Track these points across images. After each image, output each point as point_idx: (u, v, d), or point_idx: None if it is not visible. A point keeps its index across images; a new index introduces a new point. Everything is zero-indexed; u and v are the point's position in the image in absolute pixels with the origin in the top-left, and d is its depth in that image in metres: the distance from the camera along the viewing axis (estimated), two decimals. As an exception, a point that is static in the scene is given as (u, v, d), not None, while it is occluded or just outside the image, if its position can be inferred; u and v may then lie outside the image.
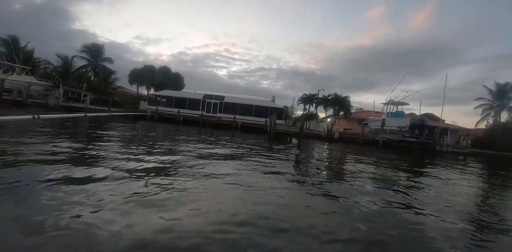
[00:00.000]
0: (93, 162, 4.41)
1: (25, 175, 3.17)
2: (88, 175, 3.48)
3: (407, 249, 2.36)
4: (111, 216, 2.26)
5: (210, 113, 26.31)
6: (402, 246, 2.39)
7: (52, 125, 9.60)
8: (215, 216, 2.57)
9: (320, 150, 12.88)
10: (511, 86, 30.63)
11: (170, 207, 2.66)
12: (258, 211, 2.81)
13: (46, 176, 3.22)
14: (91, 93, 26.95)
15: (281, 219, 2.65)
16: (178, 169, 4.50)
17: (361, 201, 3.64)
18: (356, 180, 5.32)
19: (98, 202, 2.55)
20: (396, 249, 2.31)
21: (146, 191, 3.06)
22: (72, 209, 2.31)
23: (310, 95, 32.62)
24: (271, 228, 2.39)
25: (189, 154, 6.29)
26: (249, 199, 3.23)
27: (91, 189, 2.92)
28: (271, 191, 3.68)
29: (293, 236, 2.29)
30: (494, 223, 3.39)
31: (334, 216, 2.99)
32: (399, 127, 20.44)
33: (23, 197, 2.51)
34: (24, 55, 27.89)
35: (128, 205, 2.56)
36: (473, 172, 9.76)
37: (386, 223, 2.89)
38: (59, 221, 2.06)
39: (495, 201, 5.07)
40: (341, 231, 2.55)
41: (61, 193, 2.70)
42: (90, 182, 3.18)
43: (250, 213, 2.75)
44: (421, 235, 2.65)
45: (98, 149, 5.68)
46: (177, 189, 3.28)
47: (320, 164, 7.85)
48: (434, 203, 4.07)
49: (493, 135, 24.56)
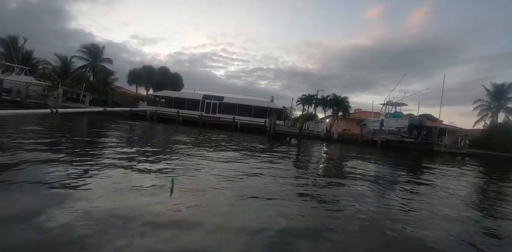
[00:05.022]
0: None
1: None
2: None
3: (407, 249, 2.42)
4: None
5: (210, 114, 26.32)
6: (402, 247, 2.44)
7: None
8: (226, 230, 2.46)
9: (320, 151, 12.95)
10: (508, 87, 30.86)
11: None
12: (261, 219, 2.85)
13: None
14: (90, 93, 26.91)
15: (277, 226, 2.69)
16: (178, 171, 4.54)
17: (360, 203, 3.70)
18: (355, 182, 5.38)
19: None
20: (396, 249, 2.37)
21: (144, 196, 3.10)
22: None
23: (309, 95, 32.72)
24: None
25: (189, 156, 6.33)
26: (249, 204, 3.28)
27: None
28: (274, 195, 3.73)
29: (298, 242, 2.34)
30: (494, 223, 3.46)
31: (334, 218, 3.05)
32: (398, 127, 20.56)
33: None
34: (23, 55, 27.81)
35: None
36: (470, 172, 9.85)
37: (384, 224, 2.95)
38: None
39: (492, 200, 5.16)
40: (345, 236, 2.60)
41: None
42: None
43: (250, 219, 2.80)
44: (423, 239, 2.71)
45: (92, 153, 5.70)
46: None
47: (321, 165, 7.91)
48: (434, 204, 4.14)
49: (491, 136, 24.72)
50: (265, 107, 26.87)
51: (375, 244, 2.35)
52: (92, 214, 2.27)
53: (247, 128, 22.27)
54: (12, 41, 28.67)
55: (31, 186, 2.83)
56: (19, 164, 3.69)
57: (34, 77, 27.11)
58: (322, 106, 31.21)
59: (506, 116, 31.10)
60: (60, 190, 2.81)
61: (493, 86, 31.96)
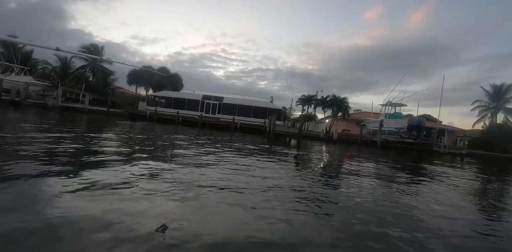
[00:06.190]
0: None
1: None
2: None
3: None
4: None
5: (209, 114, 26.34)
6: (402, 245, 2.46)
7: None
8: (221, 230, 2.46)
9: (320, 151, 12.96)
10: (507, 87, 30.98)
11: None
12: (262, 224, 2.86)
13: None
14: (90, 94, 26.92)
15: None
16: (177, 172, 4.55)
17: (360, 203, 3.72)
18: (355, 182, 5.40)
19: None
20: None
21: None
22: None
23: (309, 96, 32.78)
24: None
25: (190, 159, 6.34)
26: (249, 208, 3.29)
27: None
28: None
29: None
30: (494, 224, 3.48)
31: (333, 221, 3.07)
32: (397, 128, 20.62)
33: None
34: (22, 55, 27.82)
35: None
36: (470, 173, 9.88)
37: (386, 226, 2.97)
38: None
39: (492, 200, 5.18)
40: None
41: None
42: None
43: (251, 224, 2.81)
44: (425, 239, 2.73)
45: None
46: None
47: (323, 166, 7.93)
48: (434, 204, 4.16)
49: (490, 136, 24.81)
50: (264, 108, 26.92)
51: (376, 244, 2.37)
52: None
53: (246, 129, 22.30)
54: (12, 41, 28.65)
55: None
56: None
57: (34, 77, 27.12)
58: (322, 106, 31.27)
59: (505, 116, 31.24)
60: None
61: (492, 87, 32.13)
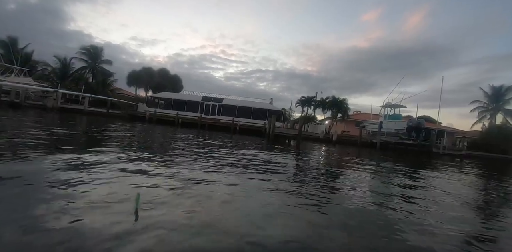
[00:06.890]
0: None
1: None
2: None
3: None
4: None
5: (209, 115, 26.35)
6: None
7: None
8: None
9: (321, 153, 12.97)
10: (506, 89, 31.09)
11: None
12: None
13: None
14: (90, 95, 26.90)
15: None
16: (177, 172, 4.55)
17: (360, 203, 3.73)
18: (354, 182, 5.41)
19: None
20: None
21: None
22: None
23: (308, 97, 32.89)
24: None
25: (190, 161, 6.34)
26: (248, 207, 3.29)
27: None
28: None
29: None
30: (493, 224, 3.48)
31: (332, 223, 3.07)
32: (397, 129, 20.68)
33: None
34: (22, 57, 27.83)
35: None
36: (469, 174, 9.89)
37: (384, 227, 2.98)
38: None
39: (491, 201, 5.19)
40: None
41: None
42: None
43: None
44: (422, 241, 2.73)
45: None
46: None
47: (323, 167, 7.94)
48: (433, 204, 4.17)
49: (489, 137, 24.85)
50: (264, 109, 26.93)
51: (375, 245, 2.37)
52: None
53: (246, 130, 22.29)
54: (12, 42, 28.70)
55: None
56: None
57: (33, 78, 27.13)
58: (321, 108, 31.34)
59: (504, 118, 31.32)
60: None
61: (491, 88, 32.25)
